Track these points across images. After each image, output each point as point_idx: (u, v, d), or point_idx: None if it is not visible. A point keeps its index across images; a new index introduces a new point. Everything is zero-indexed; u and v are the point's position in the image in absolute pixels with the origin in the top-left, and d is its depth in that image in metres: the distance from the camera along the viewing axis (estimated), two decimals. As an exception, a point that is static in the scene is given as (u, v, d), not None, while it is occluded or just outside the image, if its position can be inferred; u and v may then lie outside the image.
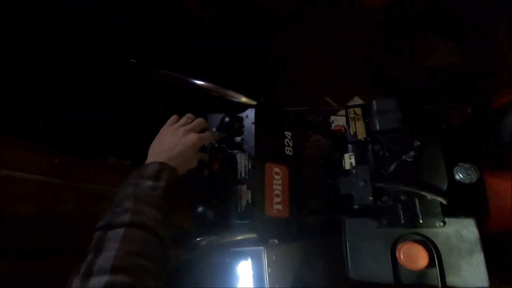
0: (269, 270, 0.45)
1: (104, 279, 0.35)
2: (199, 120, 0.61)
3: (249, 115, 0.64)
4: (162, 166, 0.51)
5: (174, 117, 0.62)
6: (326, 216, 0.80)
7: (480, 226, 0.65)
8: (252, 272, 0.44)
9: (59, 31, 0.78)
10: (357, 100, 1.17)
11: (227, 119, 0.61)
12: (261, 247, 0.46)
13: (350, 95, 1.24)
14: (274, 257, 0.48)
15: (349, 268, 0.62)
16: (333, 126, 1.00)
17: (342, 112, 0.79)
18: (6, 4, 0.68)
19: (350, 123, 0.74)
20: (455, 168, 0.60)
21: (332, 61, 1.41)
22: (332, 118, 1.11)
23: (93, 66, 0.85)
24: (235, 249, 0.47)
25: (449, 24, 1.21)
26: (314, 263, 0.67)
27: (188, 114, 0.61)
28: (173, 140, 0.56)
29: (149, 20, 0.92)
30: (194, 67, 1.02)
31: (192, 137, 0.56)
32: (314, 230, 0.76)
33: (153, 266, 0.40)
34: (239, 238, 0.56)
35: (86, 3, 0.81)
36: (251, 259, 0.45)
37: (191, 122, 0.60)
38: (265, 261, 0.45)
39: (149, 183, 0.48)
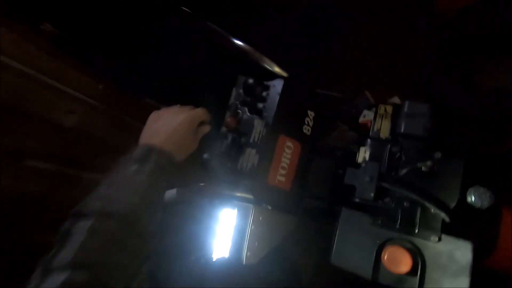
0: (253, 227, 0.48)
1: (62, 276, 0.32)
2: (192, 107, 0.57)
3: (277, 85, 0.66)
4: (149, 148, 0.46)
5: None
6: (327, 205, 0.81)
7: (481, 257, 0.63)
8: (235, 223, 0.48)
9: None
10: (396, 100, 1.12)
11: (250, 81, 0.63)
12: (251, 205, 0.49)
13: (392, 96, 1.18)
14: (261, 218, 0.51)
15: (333, 253, 0.64)
16: (361, 119, 0.98)
17: (377, 109, 0.77)
18: None
19: (377, 119, 0.73)
20: (469, 189, 0.58)
21: (385, 60, 1.34)
22: (365, 112, 1.08)
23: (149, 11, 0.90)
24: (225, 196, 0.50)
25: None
26: (301, 243, 0.69)
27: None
28: (165, 121, 0.51)
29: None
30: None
31: (184, 114, 0.52)
32: (311, 213, 0.78)
33: (125, 260, 0.36)
34: (238, 194, 0.60)
35: None
36: (237, 211, 0.48)
37: None
38: (251, 218, 0.48)
39: (134, 167, 0.43)
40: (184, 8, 0.82)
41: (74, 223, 0.37)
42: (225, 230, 0.48)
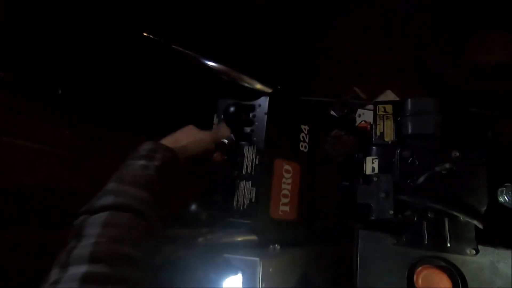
0: (263, 285, 0.40)
1: (82, 269, 0.32)
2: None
3: (262, 104, 0.57)
4: (156, 145, 0.49)
5: None
6: (338, 221, 0.73)
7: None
8: (241, 288, 0.39)
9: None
10: (389, 94, 1.05)
11: (231, 108, 0.55)
12: (256, 259, 0.40)
13: (384, 89, 1.12)
14: (271, 269, 0.42)
15: (357, 283, 0.56)
16: (358, 121, 0.91)
17: (371, 106, 0.70)
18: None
19: (378, 122, 0.65)
20: (500, 189, 0.51)
21: (374, 52, 1.28)
22: (360, 111, 1.01)
23: (109, 39, 0.82)
24: (225, 257, 0.42)
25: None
26: (319, 271, 0.61)
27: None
28: (188, 134, 0.54)
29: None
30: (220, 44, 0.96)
31: (207, 135, 0.54)
32: (323, 235, 0.70)
33: (139, 253, 0.37)
34: (238, 239, 0.51)
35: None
36: (242, 274, 0.40)
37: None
38: (260, 276, 0.39)
39: (141, 162, 0.46)
40: (147, 35, 0.73)
41: (87, 218, 0.38)
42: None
